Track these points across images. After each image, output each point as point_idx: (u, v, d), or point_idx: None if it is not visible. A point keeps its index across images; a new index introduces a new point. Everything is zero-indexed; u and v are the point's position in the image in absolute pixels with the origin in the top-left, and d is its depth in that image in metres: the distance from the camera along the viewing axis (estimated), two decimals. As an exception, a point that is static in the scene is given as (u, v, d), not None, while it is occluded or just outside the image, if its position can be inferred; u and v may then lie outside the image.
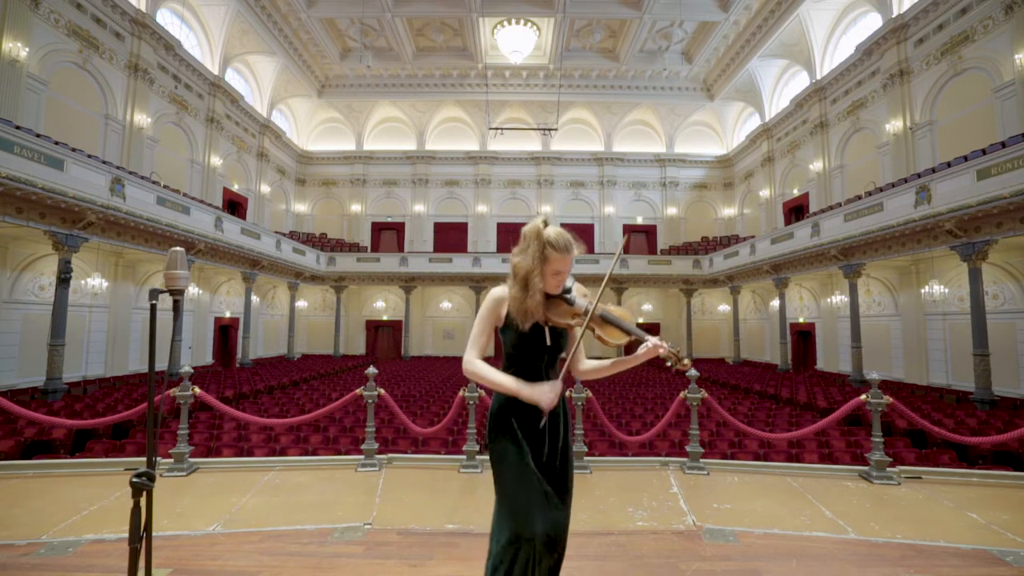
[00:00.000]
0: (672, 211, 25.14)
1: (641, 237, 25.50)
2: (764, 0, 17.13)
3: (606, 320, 1.71)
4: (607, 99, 23.38)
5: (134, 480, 1.51)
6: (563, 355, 1.75)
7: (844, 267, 13.39)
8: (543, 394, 1.59)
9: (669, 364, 1.64)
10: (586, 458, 3.91)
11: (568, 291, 1.74)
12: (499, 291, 1.73)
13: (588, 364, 1.81)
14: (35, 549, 2.47)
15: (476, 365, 1.68)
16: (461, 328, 24.19)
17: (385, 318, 24.39)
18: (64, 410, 7.96)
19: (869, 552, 2.55)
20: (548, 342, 1.70)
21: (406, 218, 25.31)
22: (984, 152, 9.77)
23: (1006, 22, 10.90)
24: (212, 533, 2.71)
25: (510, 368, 1.72)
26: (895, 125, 13.97)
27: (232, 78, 18.97)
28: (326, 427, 7.20)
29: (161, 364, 13.08)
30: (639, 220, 25.39)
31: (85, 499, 3.14)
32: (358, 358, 21.95)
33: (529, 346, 1.69)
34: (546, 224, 1.67)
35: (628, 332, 1.70)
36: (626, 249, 24.88)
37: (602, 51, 21.23)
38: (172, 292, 1.93)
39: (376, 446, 3.93)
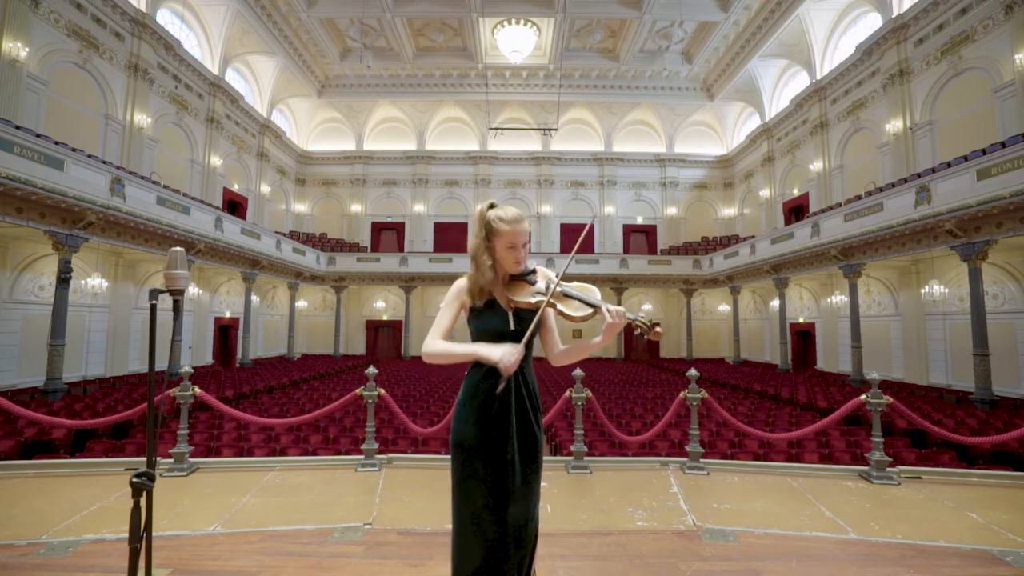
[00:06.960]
0: (672, 211, 25.14)
1: (641, 237, 25.51)
2: (764, 0, 17.14)
3: (567, 295, 1.72)
4: (607, 99, 23.39)
5: (134, 480, 1.51)
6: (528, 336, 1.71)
7: (844, 267, 13.39)
8: (506, 354, 1.56)
9: (639, 334, 1.62)
10: (586, 458, 3.90)
11: (531, 272, 1.77)
12: (463, 280, 1.77)
13: (561, 347, 1.81)
14: (35, 549, 2.47)
15: (434, 345, 1.65)
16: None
17: (385, 318, 24.39)
18: (64, 410, 7.95)
19: (869, 552, 2.55)
20: (512, 327, 1.71)
21: (406, 218, 25.32)
22: (984, 152, 9.77)
23: (1006, 22, 10.90)
24: (212, 533, 2.71)
25: None
26: (895, 125, 13.97)
27: (232, 78, 18.96)
28: (326, 427, 7.19)
29: (161, 364, 13.09)
30: (639, 220, 25.40)
31: (85, 499, 3.13)
32: (358, 358, 21.94)
33: (494, 331, 1.70)
34: (492, 206, 1.72)
35: (590, 304, 1.67)
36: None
37: (602, 51, 21.23)
38: (172, 292, 1.92)
39: (376, 446, 3.92)
